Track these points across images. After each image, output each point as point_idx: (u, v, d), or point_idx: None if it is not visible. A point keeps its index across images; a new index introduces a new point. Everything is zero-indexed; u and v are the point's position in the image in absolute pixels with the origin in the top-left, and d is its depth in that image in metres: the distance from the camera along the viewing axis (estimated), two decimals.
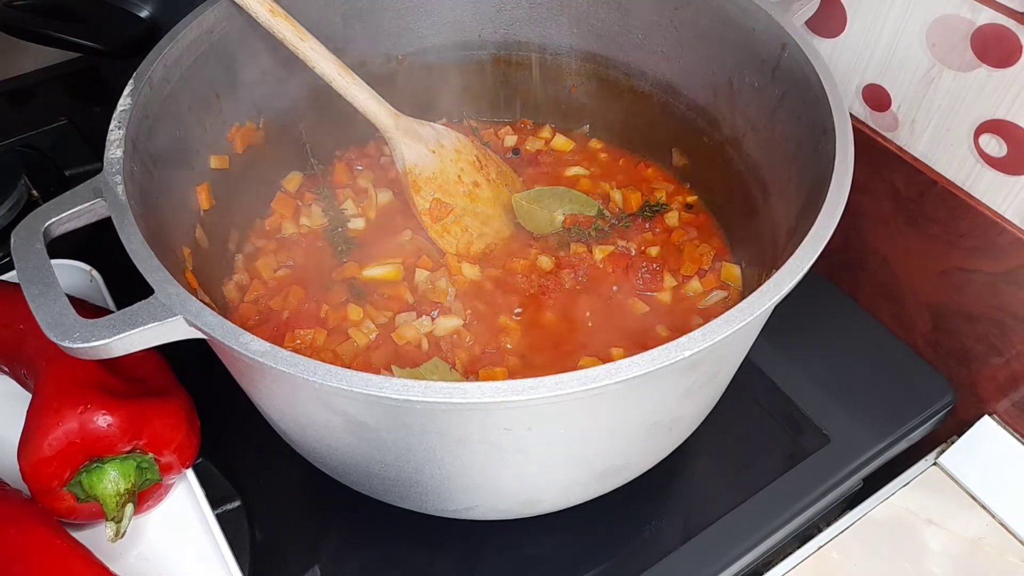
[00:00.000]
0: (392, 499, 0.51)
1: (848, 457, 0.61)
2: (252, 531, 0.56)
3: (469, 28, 0.70)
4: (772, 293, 0.39)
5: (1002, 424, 0.65)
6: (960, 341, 0.66)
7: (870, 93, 0.64)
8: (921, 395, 0.65)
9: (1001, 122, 0.56)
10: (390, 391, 0.34)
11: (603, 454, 0.47)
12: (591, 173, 0.71)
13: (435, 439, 0.41)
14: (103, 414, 0.49)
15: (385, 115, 0.61)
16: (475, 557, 0.56)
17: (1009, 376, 0.63)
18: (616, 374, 0.35)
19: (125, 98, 0.49)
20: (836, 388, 0.65)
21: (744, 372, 0.53)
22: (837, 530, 0.60)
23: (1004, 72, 0.54)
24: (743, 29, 0.57)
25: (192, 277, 0.52)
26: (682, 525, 0.57)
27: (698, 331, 0.36)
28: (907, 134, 0.63)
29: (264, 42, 0.59)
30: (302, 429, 0.48)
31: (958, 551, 0.59)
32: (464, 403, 0.34)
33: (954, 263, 0.63)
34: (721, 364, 0.48)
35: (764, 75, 0.56)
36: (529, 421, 0.40)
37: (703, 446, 0.60)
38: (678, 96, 0.66)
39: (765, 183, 0.59)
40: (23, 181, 0.74)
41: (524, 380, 0.35)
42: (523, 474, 0.46)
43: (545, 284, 0.60)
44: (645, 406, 0.44)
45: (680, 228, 0.65)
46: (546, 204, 0.65)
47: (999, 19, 0.53)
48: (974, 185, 0.60)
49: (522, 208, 0.65)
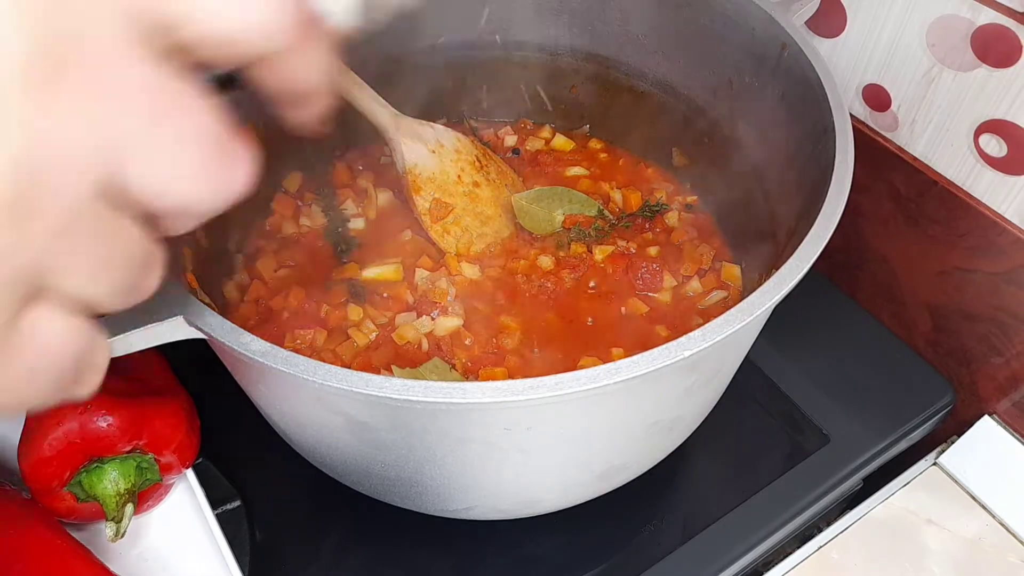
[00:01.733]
0: (392, 499, 0.51)
1: (848, 457, 0.61)
2: (252, 531, 0.56)
3: (470, 28, 0.70)
4: (772, 293, 0.39)
5: (1002, 424, 0.65)
6: (960, 341, 0.66)
7: (870, 93, 0.64)
8: (921, 395, 0.65)
9: (1001, 122, 0.56)
10: (390, 391, 0.34)
11: (603, 454, 0.47)
12: (591, 173, 0.71)
13: (435, 439, 0.41)
14: (103, 414, 0.49)
15: (386, 116, 0.61)
16: (475, 557, 0.56)
17: (1009, 376, 0.63)
18: (616, 374, 0.35)
19: None
20: (836, 388, 0.65)
21: (744, 372, 0.53)
22: (837, 530, 0.60)
23: (1004, 72, 0.54)
24: (743, 29, 0.57)
25: (192, 277, 0.52)
26: (682, 525, 0.57)
27: (698, 331, 0.36)
28: (907, 134, 0.63)
29: None
30: (302, 429, 0.48)
31: (958, 551, 0.59)
32: (464, 403, 0.34)
33: (954, 263, 0.63)
34: (721, 364, 0.48)
35: (764, 75, 0.56)
36: (529, 421, 0.40)
37: (703, 446, 0.60)
38: (678, 96, 0.66)
39: (765, 183, 0.59)
40: None
41: (524, 380, 0.35)
42: (523, 474, 0.46)
43: (545, 284, 0.61)
44: (645, 406, 0.44)
45: (680, 228, 0.65)
46: (546, 204, 0.65)
47: (999, 19, 0.53)
48: (974, 185, 0.60)
49: (522, 208, 0.65)
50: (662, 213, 0.66)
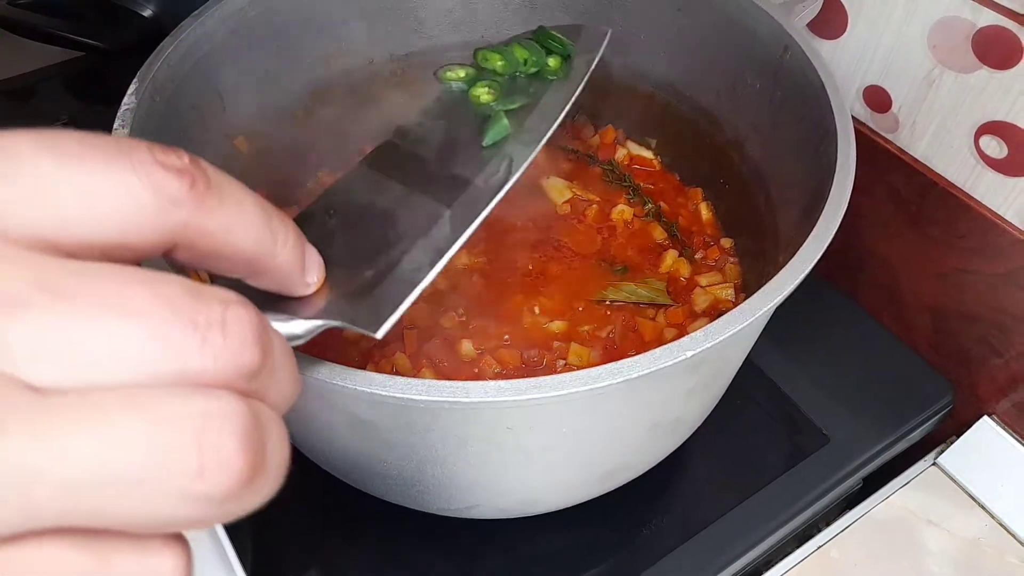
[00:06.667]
0: (393, 498, 0.51)
1: (848, 457, 0.61)
2: (252, 531, 0.56)
3: (472, 28, 0.70)
4: (774, 294, 0.39)
5: (1001, 425, 0.65)
6: (960, 342, 0.66)
7: (871, 94, 0.64)
8: (921, 395, 0.65)
9: (1002, 124, 0.56)
10: (393, 390, 0.35)
11: (604, 454, 0.47)
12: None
13: (438, 438, 0.41)
14: None
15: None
16: (476, 556, 0.56)
17: (1009, 377, 0.63)
18: (618, 374, 0.35)
19: (129, 96, 0.49)
20: (836, 388, 0.65)
21: (744, 372, 0.53)
22: (837, 530, 0.60)
23: (1005, 74, 0.54)
24: (745, 31, 0.57)
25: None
26: (682, 525, 0.57)
27: (700, 331, 0.37)
28: (908, 135, 0.63)
29: (268, 42, 0.60)
30: (304, 427, 0.48)
31: (957, 551, 0.59)
32: (467, 402, 0.35)
33: (954, 264, 0.64)
34: (723, 365, 0.48)
35: (766, 77, 0.56)
36: (531, 420, 0.40)
37: (703, 446, 0.61)
38: (680, 98, 0.66)
39: (767, 185, 0.59)
40: None
41: (527, 380, 0.35)
42: (525, 473, 0.46)
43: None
44: (647, 407, 0.44)
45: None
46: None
47: (1000, 21, 0.53)
48: (974, 186, 0.60)
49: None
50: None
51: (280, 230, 0.24)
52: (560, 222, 0.65)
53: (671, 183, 0.70)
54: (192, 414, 0.17)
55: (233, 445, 0.17)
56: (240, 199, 0.22)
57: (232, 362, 0.18)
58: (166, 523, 0.17)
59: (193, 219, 0.20)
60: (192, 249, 0.21)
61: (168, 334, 0.17)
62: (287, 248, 0.24)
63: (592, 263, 0.63)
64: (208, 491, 0.17)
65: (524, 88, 0.47)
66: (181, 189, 0.19)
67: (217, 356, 0.18)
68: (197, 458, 0.17)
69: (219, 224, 0.21)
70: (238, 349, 0.18)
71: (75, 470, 0.16)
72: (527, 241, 0.64)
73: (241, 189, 0.22)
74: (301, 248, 0.25)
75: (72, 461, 0.16)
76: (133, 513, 0.17)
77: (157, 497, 0.17)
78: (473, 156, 0.42)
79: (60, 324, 0.16)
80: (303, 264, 0.26)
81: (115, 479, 0.16)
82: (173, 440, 0.17)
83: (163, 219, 0.19)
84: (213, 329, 0.18)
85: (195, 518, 0.17)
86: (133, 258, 0.20)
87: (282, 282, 0.26)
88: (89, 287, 0.17)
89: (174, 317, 0.17)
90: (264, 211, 0.23)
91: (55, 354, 0.16)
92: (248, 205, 0.22)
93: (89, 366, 0.17)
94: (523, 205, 0.66)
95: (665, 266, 0.62)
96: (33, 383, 0.16)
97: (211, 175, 0.21)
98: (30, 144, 0.18)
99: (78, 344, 0.16)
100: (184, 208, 0.20)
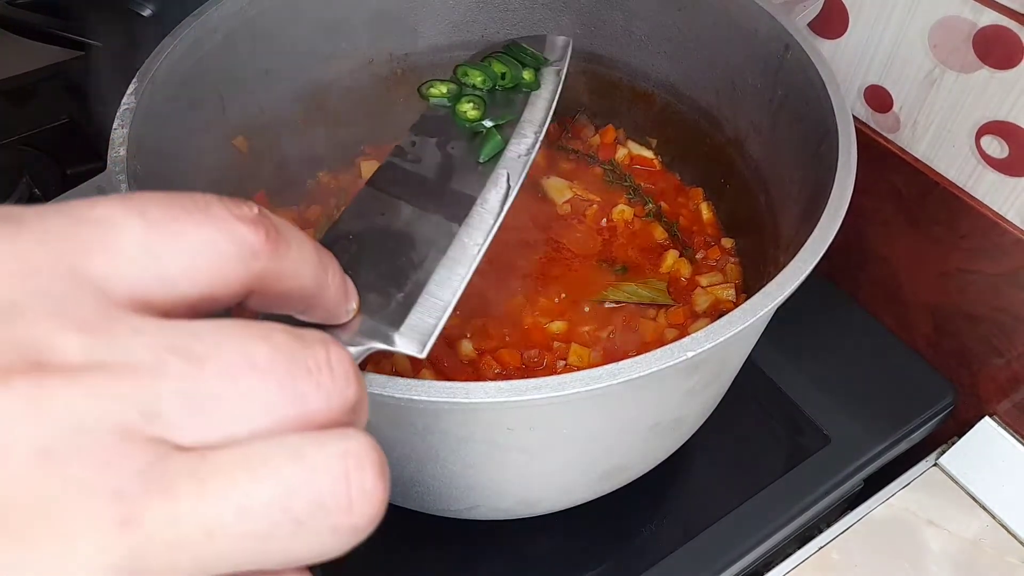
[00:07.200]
0: (393, 499, 0.51)
1: (849, 458, 0.61)
2: None
3: (472, 28, 0.70)
4: (775, 295, 0.39)
5: (1003, 425, 0.65)
6: (961, 342, 0.66)
7: (872, 94, 0.64)
8: (922, 396, 0.65)
9: (1003, 123, 0.56)
10: (393, 390, 0.34)
11: (605, 455, 0.47)
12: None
13: (438, 439, 0.41)
14: None
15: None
16: (476, 556, 0.56)
17: (1010, 377, 0.63)
18: (618, 375, 0.35)
19: (129, 96, 0.49)
20: (837, 389, 0.65)
21: (745, 373, 0.53)
22: (838, 531, 0.60)
23: (1006, 73, 0.54)
24: (746, 30, 0.57)
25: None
26: (682, 525, 0.57)
27: (700, 332, 0.37)
28: (909, 135, 0.63)
29: (268, 42, 0.60)
30: None
31: (958, 552, 0.59)
32: (468, 403, 0.35)
33: (955, 264, 0.63)
34: (723, 365, 0.48)
35: (767, 76, 0.56)
36: (532, 421, 0.40)
37: (703, 446, 0.60)
38: (680, 97, 0.66)
39: (767, 185, 0.59)
40: (25, 180, 0.74)
41: (527, 380, 0.35)
42: (525, 474, 0.46)
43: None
44: (648, 407, 0.44)
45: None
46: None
47: (1001, 20, 0.53)
48: (975, 186, 0.60)
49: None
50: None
51: (328, 264, 0.25)
52: (560, 222, 0.65)
53: (671, 183, 0.70)
54: (337, 454, 0.18)
55: (373, 476, 0.19)
56: (300, 241, 0.23)
57: (340, 398, 0.19)
58: (314, 558, 0.19)
59: (269, 267, 0.21)
60: (265, 294, 0.22)
61: (292, 383, 0.19)
62: (335, 280, 0.25)
63: (592, 263, 0.63)
64: (355, 523, 0.19)
65: (505, 102, 0.49)
66: (258, 240, 0.20)
67: (330, 396, 0.19)
68: (347, 494, 0.18)
69: (289, 268, 0.22)
70: (343, 386, 0.20)
71: (252, 521, 0.17)
72: (527, 241, 0.64)
73: (297, 230, 0.23)
74: (343, 277, 0.27)
75: (250, 512, 0.17)
76: (290, 552, 0.18)
77: (312, 535, 0.18)
78: (472, 171, 0.43)
79: (199, 387, 0.18)
80: (347, 293, 0.27)
81: (285, 523, 0.17)
82: (328, 480, 0.18)
83: (244, 270, 0.20)
84: (323, 372, 0.19)
85: (337, 550, 0.19)
86: (219, 309, 0.21)
87: (331, 313, 0.27)
88: (214, 347, 0.18)
89: (293, 366, 0.19)
90: (316, 248, 0.24)
91: (198, 414, 0.17)
92: (307, 245, 0.23)
93: (229, 421, 0.18)
94: (523, 205, 0.65)
95: (666, 266, 0.62)
96: (183, 444, 0.17)
97: (276, 222, 0.22)
98: (120, 211, 0.19)
99: (217, 402, 0.18)
100: (261, 258, 0.21)
